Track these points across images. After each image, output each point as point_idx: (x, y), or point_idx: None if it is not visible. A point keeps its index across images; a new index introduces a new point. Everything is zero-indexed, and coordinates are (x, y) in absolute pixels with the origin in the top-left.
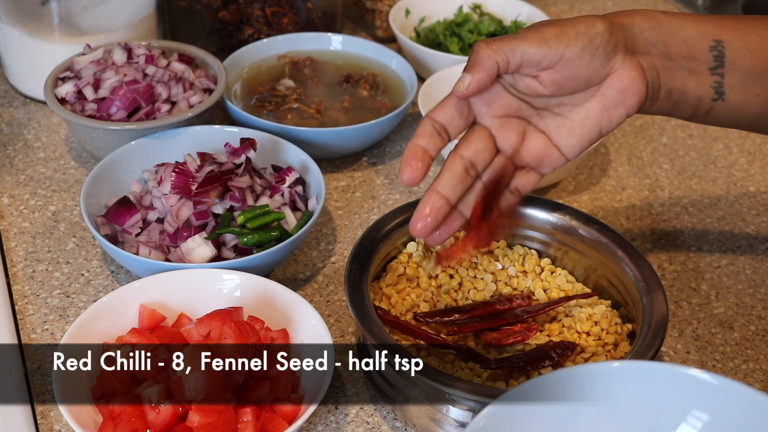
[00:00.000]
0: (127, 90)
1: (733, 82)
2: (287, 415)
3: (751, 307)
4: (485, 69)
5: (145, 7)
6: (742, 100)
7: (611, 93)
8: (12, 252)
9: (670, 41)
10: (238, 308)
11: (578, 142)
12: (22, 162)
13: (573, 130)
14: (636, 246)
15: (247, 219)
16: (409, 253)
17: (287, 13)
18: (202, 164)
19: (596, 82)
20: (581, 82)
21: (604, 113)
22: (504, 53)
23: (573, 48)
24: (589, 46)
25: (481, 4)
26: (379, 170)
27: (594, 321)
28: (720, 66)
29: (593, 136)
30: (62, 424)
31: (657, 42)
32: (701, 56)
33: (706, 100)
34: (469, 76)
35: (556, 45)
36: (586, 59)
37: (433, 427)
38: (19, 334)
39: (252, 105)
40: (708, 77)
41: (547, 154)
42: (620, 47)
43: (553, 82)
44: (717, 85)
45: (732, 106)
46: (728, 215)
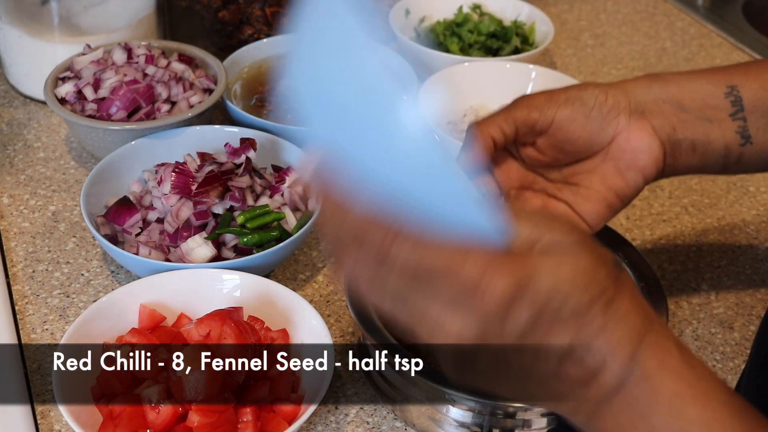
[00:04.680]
0: (127, 90)
1: (757, 124)
2: (287, 415)
3: (751, 307)
4: (482, 149)
5: (145, 7)
6: None
7: (620, 155)
8: (12, 252)
9: (681, 95)
10: (238, 308)
11: (596, 209)
12: (22, 162)
13: (589, 196)
14: (636, 246)
15: (247, 219)
16: None
17: (287, 13)
18: (202, 164)
19: (600, 146)
20: (581, 146)
21: (617, 176)
22: (498, 128)
23: (563, 110)
24: (580, 107)
25: (481, 4)
26: None
27: None
28: (740, 110)
29: (611, 201)
30: (62, 424)
31: (668, 98)
32: (718, 104)
33: (734, 146)
34: (464, 155)
35: (546, 109)
36: (580, 121)
37: (433, 427)
38: (19, 334)
39: (252, 105)
40: (730, 123)
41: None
42: (622, 109)
43: (552, 148)
44: (741, 129)
45: (762, 148)
46: (728, 215)
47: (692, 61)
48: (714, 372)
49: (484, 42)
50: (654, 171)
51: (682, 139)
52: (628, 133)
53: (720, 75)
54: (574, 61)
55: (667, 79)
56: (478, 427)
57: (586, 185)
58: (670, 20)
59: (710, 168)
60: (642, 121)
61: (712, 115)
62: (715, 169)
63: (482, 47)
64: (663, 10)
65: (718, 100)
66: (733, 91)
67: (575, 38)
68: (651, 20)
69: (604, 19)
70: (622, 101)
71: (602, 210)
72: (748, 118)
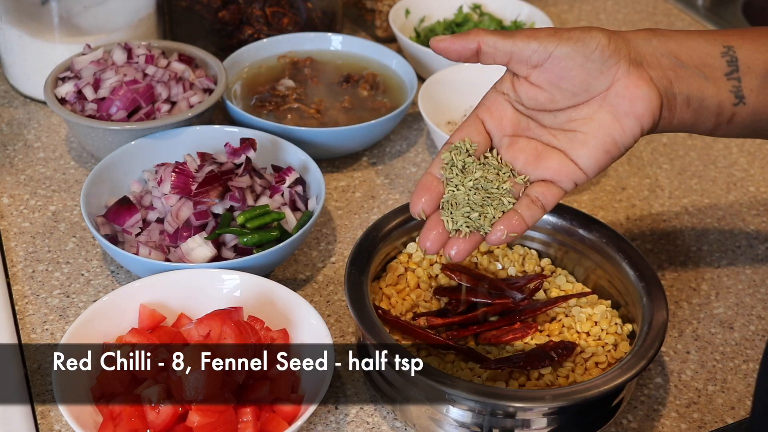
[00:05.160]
0: (127, 90)
1: (751, 85)
2: (287, 415)
3: (751, 307)
4: (463, 40)
5: (145, 7)
6: (764, 103)
7: (618, 101)
8: (12, 252)
9: (679, 50)
10: (238, 308)
11: (593, 153)
12: (22, 162)
13: (586, 141)
14: (636, 246)
15: (247, 219)
16: (409, 253)
17: (287, 13)
18: (202, 164)
19: (599, 90)
20: (578, 85)
21: (615, 123)
22: (493, 39)
23: (563, 47)
24: (581, 48)
25: (481, 4)
26: (379, 170)
27: (594, 321)
28: (735, 70)
29: (608, 147)
30: (62, 424)
31: (666, 52)
32: (714, 62)
33: (728, 105)
34: (447, 36)
35: (546, 42)
36: (579, 60)
37: (433, 427)
38: (19, 334)
39: (252, 105)
40: (725, 82)
41: (565, 169)
42: (623, 56)
43: (548, 83)
44: (735, 89)
45: (754, 109)
46: (728, 215)
47: None
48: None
49: None
50: (650, 121)
51: (677, 92)
52: (626, 79)
53: (718, 35)
54: None
55: (666, 34)
56: (478, 427)
57: (583, 131)
58: (670, 20)
59: (702, 126)
60: (640, 71)
61: (707, 73)
62: (707, 127)
63: None
64: (663, 10)
65: (714, 59)
66: (729, 51)
67: None
68: (651, 20)
69: (604, 19)
70: (623, 49)
71: (600, 156)
72: (743, 79)
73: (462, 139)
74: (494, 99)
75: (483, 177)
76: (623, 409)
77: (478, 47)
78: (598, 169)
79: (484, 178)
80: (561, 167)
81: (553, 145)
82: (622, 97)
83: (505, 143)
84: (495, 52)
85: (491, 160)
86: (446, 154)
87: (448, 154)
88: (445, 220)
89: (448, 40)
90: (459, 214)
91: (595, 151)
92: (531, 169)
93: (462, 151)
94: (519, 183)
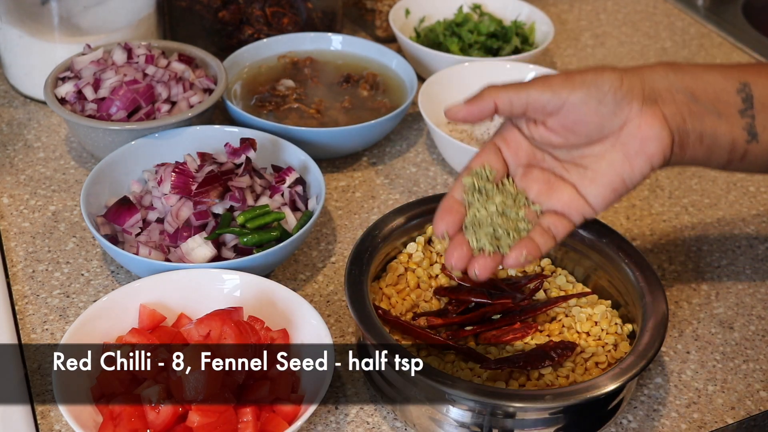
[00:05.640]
0: (127, 90)
1: (764, 122)
2: (287, 415)
3: (751, 307)
4: (479, 105)
5: (145, 7)
6: None
7: (630, 141)
8: (12, 252)
9: (695, 86)
10: (238, 308)
11: (602, 192)
12: (22, 162)
13: (595, 180)
14: (636, 246)
15: (247, 219)
16: (409, 253)
17: (287, 13)
18: (202, 164)
19: (612, 130)
20: (592, 128)
21: (625, 162)
22: (508, 95)
23: (577, 93)
24: (595, 92)
25: (481, 4)
26: (379, 170)
27: (594, 321)
28: (750, 107)
29: (616, 186)
30: (62, 424)
31: (682, 88)
32: (729, 99)
33: (740, 142)
34: (462, 104)
35: (560, 90)
36: (593, 105)
37: (433, 427)
38: (19, 334)
39: (252, 105)
40: (739, 119)
41: (575, 203)
42: (636, 95)
43: (563, 128)
44: (749, 126)
45: (766, 147)
46: (728, 215)
47: (692, 61)
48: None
49: (484, 42)
50: (661, 159)
51: (691, 129)
52: (639, 119)
53: (734, 71)
54: (574, 61)
55: (683, 68)
56: (478, 427)
57: (593, 168)
58: (670, 20)
59: (715, 162)
60: (654, 108)
61: (722, 109)
62: (720, 163)
63: (482, 47)
64: (663, 10)
65: (729, 96)
66: (744, 88)
67: (575, 38)
68: (651, 20)
69: (604, 19)
70: (637, 87)
71: (607, 194)
72: (757, 116)
73: (482, 165)
74: (510, 131)
75: (502, 202)
76: (623, 409)
77: (495, 106)
78: (606, 206)
79: (503, 203)
80: (572, 201)
81: (566, 178)
82: (633, 137)
83: (519, 172)
84: (511, 107)
85: (508, 187)
86: (468, 179)
87: (470, 178)
88: (470, 239)
89: (465, 109)
90: (483, 233)
91: (604, 190)
92: (543, 199)
93: (482, 176)
94: (533, 211)
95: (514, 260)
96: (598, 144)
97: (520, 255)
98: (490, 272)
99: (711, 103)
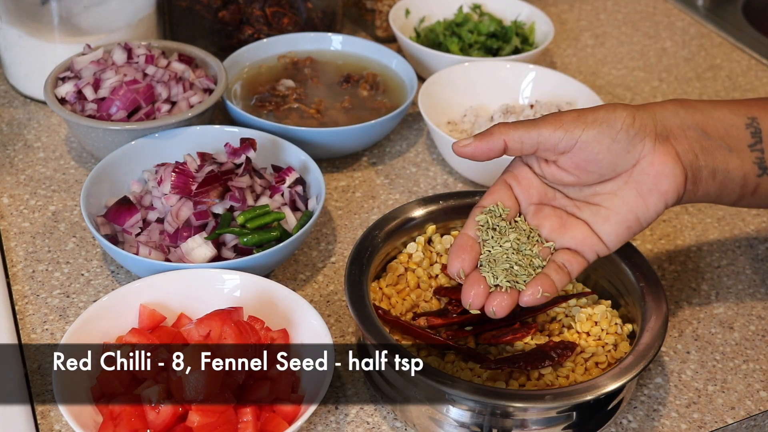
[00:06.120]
0: (127, 90)
1: None
2: (287, 415)
3: (751, 307)
4: (488, 142)
5: (145, 7)
6: None
7: (643, 178)
8: (12, 252)
9: (705, 122)
10: (238, 308)
11: (615, 230)
12: (22, 162)
13: (609, 217)
14: (636, 246)
15: (247, 219)
16: (409, 253)
17: (287, 13)
18: (202, 164)
19: (625, 168)
20: (605, 166)
21: (639, 200)
22: (518, 134)
23: (589, 132)
24: (607, 130)
25: (481, 4)
26: (379, 170)
27: (594, 321)
28: (759, 141)
29: (630, 224)
30: (62, 424)
31: (692, 124)
32: (738, 134)
33: (752, 176)
34: (471, 140)
35: (572, 129)
36: (606, 143)
37: (433, 427)
38: (19, 334)
39: (252, 105)
40: (749, 154)
41: (589, 241)
42: (649, 132)
43: (575, 167)
44: (759, 160)
45: None
46: (728, 215)
47: (692, 61)
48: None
49: (484, 42)
50: (675, 196)
51: (703, 165)
52: (652, 156)
53: (741, 106)
54: (574, 61)
55: (693, 105)
56: (478, 427)
57: (606, 206)
58: (670, 20)
59: (727, 197)
60: (666, 146)
61: (732, 145)
62: (732, 198)
63: (482, 47)
64: (663, 10)
65: (738, 131)
66: (753, 123)
67: (575, 38)
68: (651, 20)
69: (604, 19)
70: (649, 125)
71: (621, 232)
72: (766, 150)
73: (495, 203)
74: (521, 169)
75: (517, 239)
76: (623, 409)
77: (505, 145)
78: (620, 244)
79: (518, 240)
80: (585, 238)
81: (578, 216)
82: (646, 174)
83: (531, 210)
84: (522, 146)
85: (521, 225)
86: (481, 216)
87: (484, 216)
88: (487, 276)
89: (473, 144)
90: (499, 270)
91: (617, 228)
92: (557, 237)
93: (496, 214)
94: (546, 248)
95: (530, 297)
96: (610, 182)
97: (536, 291)
98: (507, 309)
99: (721, 139)
